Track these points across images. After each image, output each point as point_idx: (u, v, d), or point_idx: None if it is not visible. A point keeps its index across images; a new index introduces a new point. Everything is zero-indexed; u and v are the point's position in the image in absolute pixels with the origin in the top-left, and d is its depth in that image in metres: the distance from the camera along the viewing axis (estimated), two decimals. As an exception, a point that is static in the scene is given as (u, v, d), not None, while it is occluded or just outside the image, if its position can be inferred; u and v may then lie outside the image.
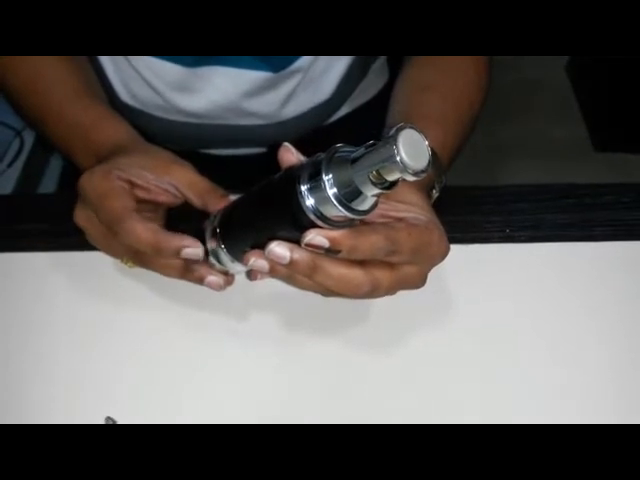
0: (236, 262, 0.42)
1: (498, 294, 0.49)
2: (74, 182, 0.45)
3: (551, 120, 1.62)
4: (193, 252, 0.42)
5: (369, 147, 0.34)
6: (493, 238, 0.52)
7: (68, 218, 0.46)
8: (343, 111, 0.71)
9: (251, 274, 0.45)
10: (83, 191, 0.44)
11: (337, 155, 0.35)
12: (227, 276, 0.45)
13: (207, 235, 0.43)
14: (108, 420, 0.42)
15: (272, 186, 0.38)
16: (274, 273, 0.40)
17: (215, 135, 0.67)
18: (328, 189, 0.34)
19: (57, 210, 0.51)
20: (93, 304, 0.48)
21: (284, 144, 0.39)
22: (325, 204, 0.35)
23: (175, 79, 0.61)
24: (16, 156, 1.07)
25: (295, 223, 0.36)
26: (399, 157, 0.32)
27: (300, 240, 0.37)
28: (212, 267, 0.44)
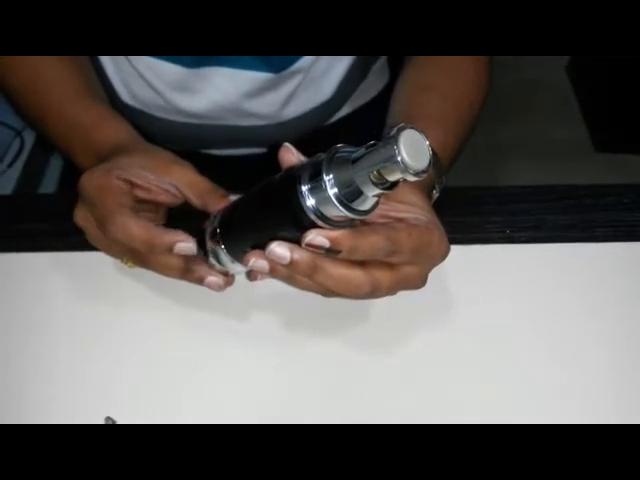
0: (236, 262, 0.42)
1: (498, 295, 0.49)
2: (74, 182, 0.45)
3: (551, 120, 1.62)
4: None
5: (370, 147, 0.34)
6: (494, 239, 0.52)
7: (68, 218, 0.46)
8: (344, 111, 0.71)
9: (251, 274, 0.45)
10: (83, 190, 0.44)
11: (338, 155, 0.35)
12: (227, 276, 0.45)
13: (207, 235, 0.43)
14: (108, 420, 0.42)
15: (272, 186, 0.38)
16: (274, 273, 0.40)
17: (215, 135, 0.67)
18: (329, 189, 0.34)
19: (57, 210, 0.51)
20: (93, 304, 0.48)
21: (285, 144, 0.39)
22: (326, 204, 0.35)
23: (175, 79, 0.61)
24: (16, 156, 1.07)
25: (295, 223, 0.36)
26: (400, 157, 0.32)
27: (300, 240, 0.37)
28: (212, 267, 0.44)
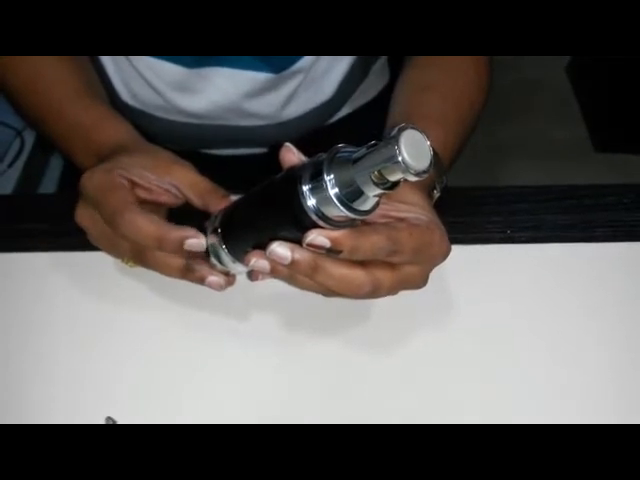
0: (237, 262, 0.42)
1: (499, 294, 0.49)
2: (74, 182, 0.45)
3: (551, 120, 1.62)
4: (196, 243, 0.42)
5: (371, 147, 0.34)
6: (494, 239, 0.52)
7: (68, 218, 0.46)
8: (344, 111, 0.71)
9: (252, 274, 0.45)
10: (84, 190, 0.44)
11: (338, 155, 0.35)
12: (228, 276, 0.45)
13: (208, 235, 0.43)
14: (108, 420, 0.42)
15: (273, 186, 0.38)
16: (275, 273, 0.40)
17: (216, 135, 0.67)
18: (330, 189, 0.34)
19: (57, 210, 0.51)
20: (93, 304, 0.48)
21: (285, 144, 0.39)
22: (327, 204, 0.35)
23: (176, 79, 0.61)
24: (17, 156, 1.07)
25: (296, 223, 0.36)
26: (401, 157, 0.32)
27: (301, 240, 0.37)
28: (213, 267, 0.44)
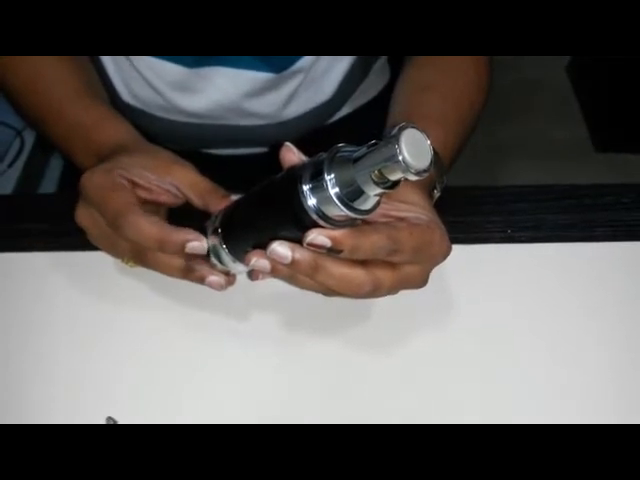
0: (238, 262, 0.42)
1: (499, 294, 0.49)
2: (74, 182, 0.45)
3: (551, 120, 1.62)
4: (198, 245, 0.42)
5: (371, 147, 0.34)
6: (494, 238, 0.52)
7: (68, 218, 0.46)
8: (344, 111, 0.71)
9: (252, 274, 0.45)
10: (85, 190, 0.44)
11: (339, 155, 0.35)
12: (228, 276, 0.45)
13: (208, 235, 0.43)
14: (109, 420, 0.42)
15: (274, 186, 0.38)
16: (276, 273, 0.40)
17: (216, 135, 0.67)
18: (330, 189, 0.34)
19: (57, 210, 0.51)
20: (93, 304, 0.48)
21: (286, 144, 0.39)
22: (327, 204, 0.35)
23: (176, 79, 0.61)
24: (17, 156, 1.07)
25: (297, 223, 0.36)
26: (401, 156, 0.32)
27: (302, 240, 0.37)
28: (213, 267, 0.44)
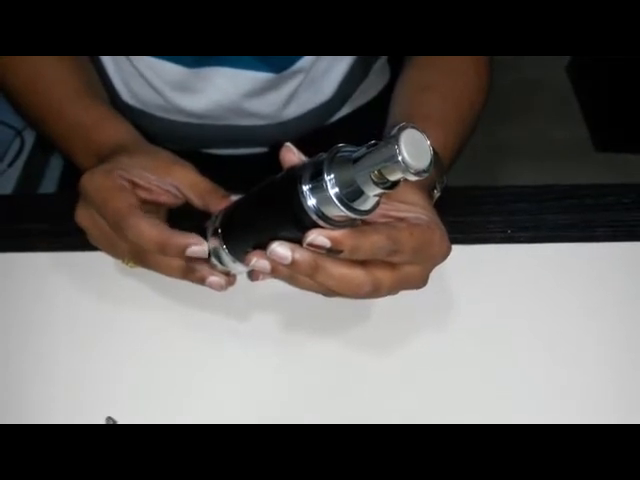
0: (238, 262, 0.42)
1: (499, 294, 0.49)
2: (75, 182, 0.45)
3: (551, 120, 1.62)
4: (199, 250, 0.42)
5: (371, 147, 0.34)
6: (494, 239, 0.52)
7: (68, 218, 0.46)
8: (344, 111, 0.71)
9: (252, 274, 0.45)
10: (84, 191, 0.44)
11: (339, 155, 0.35)
12: (228, 276, 0.45)
13: (209, 236, 0.43)
14: (109, 420, 0.42)
15: (273, 186, 0.38)
16: (276, 273, 0.39)
17: (216, 135, 0.67)
18: (330, 189, 0.34)
19: (57, 210, 0.51)
20: (93, 304, 0.48)
21: (286, 144, 0.39)
22: (327, 204, 0.35)
23: (176, 79, 0.61)
24: (17, 156, 1.07)
25: (297, 223, 0.36)
26: (401, 157, 0.32)
27: (302, 240, 0.37)
28: (214, 267, 0.44)
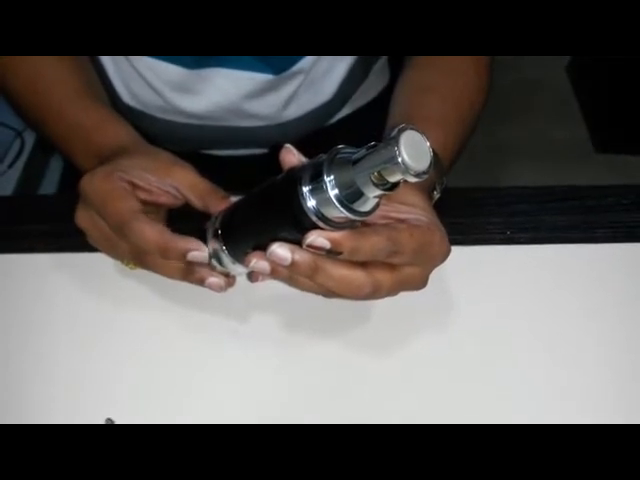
0: (237, 263, 0.42)
1: (499, 295, 0.49)
2: (75, 183, 0.45)
3: (551, 121, 1.62)
4: (199, 255, 0.42)
5: (370, 148, 0.34)
6: (494, 240, 0.52)
7: (69, 219, 0.46)
8: (344, 112, 0.71)
9: (252, 275, 0.45)
10: (84, 193, 0.44)
11: (338, 156, 0.35)
12: (228, 277, 0.45)
13: (208, 236, 0.43)
14: (108, 421, 0.42)
15: (273, 187, 0.38)
16: (275, 274, 0.40)
17: (216, 136, 0.67)
18: (330, 190, 0.34)
19: (58, 211, 0.51)
20: (93, 305, 0.48)
21: (286, 145, 0.39)
22: (326, 205, 0.35)
23: (176, 80, 0.61)
24: (17, 157, 1.07)
25: (296, 224, 0.36)
26: (401, 158, 0.32)
27: (301, 241, 0.37)
28: (213, 268, 0.44)
